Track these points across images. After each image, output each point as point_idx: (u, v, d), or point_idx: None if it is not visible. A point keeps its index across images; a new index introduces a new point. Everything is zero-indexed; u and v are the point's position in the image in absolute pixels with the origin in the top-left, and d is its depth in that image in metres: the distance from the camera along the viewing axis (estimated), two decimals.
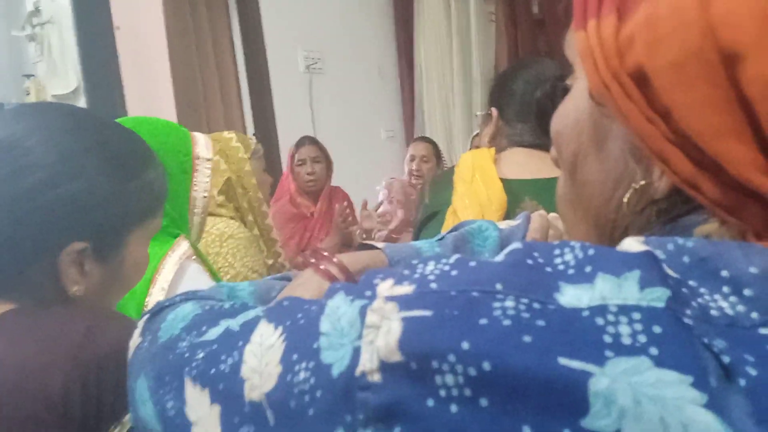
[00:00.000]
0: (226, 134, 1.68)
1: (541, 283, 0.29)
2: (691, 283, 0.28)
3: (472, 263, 0.32)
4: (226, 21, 3.32)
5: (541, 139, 1.14)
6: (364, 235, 2.61)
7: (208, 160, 1.24)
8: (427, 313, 0.29)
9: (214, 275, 1.20)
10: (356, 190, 2.90)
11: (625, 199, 0.36)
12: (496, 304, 0.29)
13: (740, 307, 0.28)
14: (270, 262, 1.71)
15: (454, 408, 0.27)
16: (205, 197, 1.22)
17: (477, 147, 2.14)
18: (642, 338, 0.26)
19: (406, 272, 0.32)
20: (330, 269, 0.52)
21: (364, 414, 0.29)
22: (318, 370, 0.31)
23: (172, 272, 1.03)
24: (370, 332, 0.30)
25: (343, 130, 3.52)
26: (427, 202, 1.21)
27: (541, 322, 0.28)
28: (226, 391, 0.36)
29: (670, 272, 0.29)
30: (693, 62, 0.29)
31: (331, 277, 0.52)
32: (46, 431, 0.53)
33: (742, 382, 0.26)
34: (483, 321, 0.28)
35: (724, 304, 0.28)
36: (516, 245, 0.32)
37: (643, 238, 0.31)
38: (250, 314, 0.40)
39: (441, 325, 0.29)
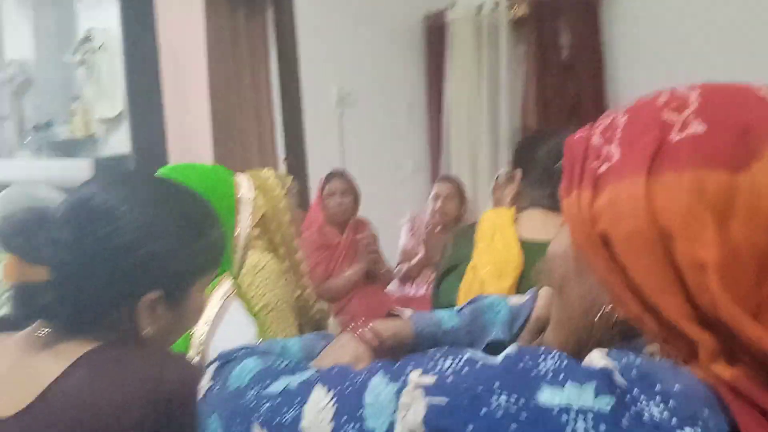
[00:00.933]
0: (264, 171, 1.79)
1: (528, 384, 0.41)
2: (634, 391, 0.40)
3: (479, 364, 0.44)
4: (264, 52, 3.47)
5: (558, 203, 1.23)
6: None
7: (251, 201, 1.36)
8: (445, 400, 0.42)
9: (249, 309, 1.31)
10: (381, 222, 3.01)
11: (596, 319, 0.48)
12: (494, 398, 0.41)
13: (665, 414, 0.39)
14: (297, 293, 1.81)
15: None
16: (246, 236, 1.33)
17: (498, 188, 2.24)
18: None
19: (431, 365, 0.44)
20: (365, 335, 0.63)
21: None
22: (362, 431, 0.43)
23: (216, 308, 1.14)
24: (403, 409, 0.42)
25: (371, 163, 3.63)
26: (450, 253, 1.31)
27: (524, 415, 0.40)
28: None
29: (620, 380, 0.40)
30: (641, 237, 0.42)
31: (366, 342, 0.63)
32: None
33: None
34: (483, 410, 0.40)
35: (654, 411, 0.39)
36: (512, 350, 0.44)
37: (606, 351, 0.43)
38: (306, 375, 0.51)
39: (454, 411, 0.41)
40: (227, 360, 0.59)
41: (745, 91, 0.46)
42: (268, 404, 0.50)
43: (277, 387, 0.51)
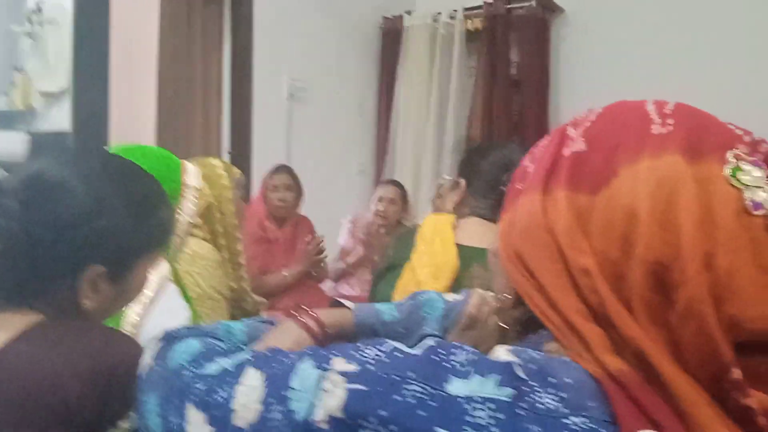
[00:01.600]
0: (213, 160, 1.79)
1: (438, 375, 0.45)
2: (532, 383, 0.44)
3: (399, 354, 0.48)
4: (218, 40, 3.42)
5: (498, 215, 1.28)
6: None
7: (196, 189, 1.36)
8: (363, 387, 0.45)
9: (185, 295, 1.31)
10: (323, 220, 3.02)
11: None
12: (407, 386, 0.45)
13: (557, 404, 0.43)
14: (234, 285, 1.81)
15: None
16: (189, 222, 1.32)
17: (440, 196, 2.29)
18: (492, 420, 0.42)
19: (355, 354, 0.48)
20: (308, 322, 0.65)
21: None
22: (288, 413, 0.47)
23: (153, 290, 1.14)
24: (324, 394, 0.46)
25: (317, 160, 3.63)
26: (390, 254, 1.35)
27: (432, 403, 0.44)
28: (219, 417, 0.50)
29: (521, 374, 0.45)
30: (543, 247, 0.49)
31: (308, 329, 0.65)
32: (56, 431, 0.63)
33: None
34: (396, 397, 0.44)
35: (548, 401, 0.44)
36: (430, 342, 0.49)
37: (511, 348, 0.48)
38: (240, 357, 0.53)
39: (371, 397, 0.45)
40: (171, 339, 0.60)
41: (637, 109, 0.52)
42: (202, 385, 0.52)
43: (212, 368, 0.53)
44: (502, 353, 0.47)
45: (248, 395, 0.49)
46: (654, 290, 0.45)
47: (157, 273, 1.18)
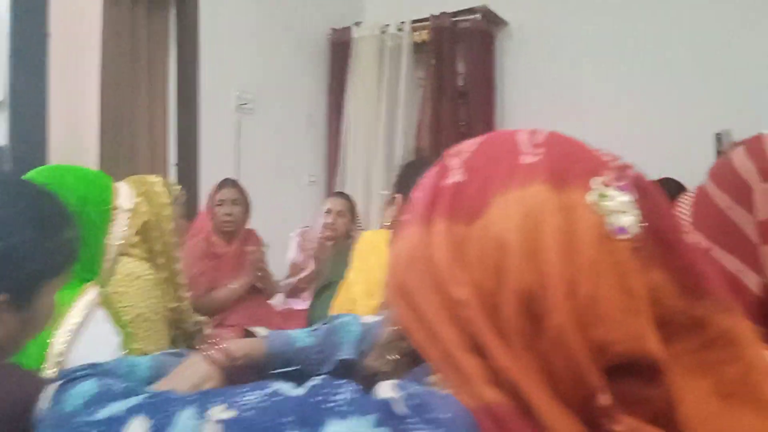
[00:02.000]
0: (151, 178, 1.75)
1: (315, 418, 0.45)
2: (410, 420, 0.44)
3: (279, 398, 0.47)
4: (163, 50, 3.35)
5: None
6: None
7: (129, 209, 1.33)
8: None
9: (118, 319, 1.28)
10: (273, 233, 2.98)
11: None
12: None
13: None
14: (174, 305, 1.78)
15: None
16: (120, 244, 1.30)
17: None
18: None
19: (236, 400, 0.47)
20: (214, 356, 0.65)
21: None
22: None
23: (80, 317, 1.11)
24: None
25: (267, 173, 3.61)
26: (327, 270, 1.34)
27: None
28: None
29: (402, 410, 0.45)
30: (424, 279, 0.49)
31: (215, 362, 0.64)
32: None
33: None
34: None
35: None
36: (316, 381, 0.48)
37: (396, 382, 0.48)
38: (133, 402, 0.52)
39: None
40: (68, 380, 0.59)
41: (509, 140, 0.53)
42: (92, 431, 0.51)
43: (104, 413, 0.52)
44: (385, 389, 0.47)
45: None
46: (525, 319, 0.45)
47: (85, 299, 1.15)
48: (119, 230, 1.28)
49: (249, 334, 0.74)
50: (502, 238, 0.47)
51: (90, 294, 1.16)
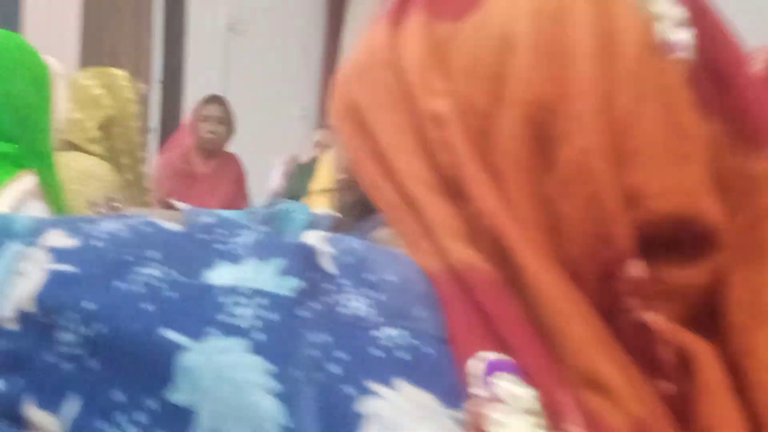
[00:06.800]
0: (114, 70, 1.62)
1: (198, 258, 0.30)
2: (342, 280, 0.30)
3: (150, 228, 0.32)
4: None
5: None
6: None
7: (63, 75, 1.18)
8: (71, 268, 0.30)
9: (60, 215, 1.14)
10: (256, 163, 2.87)
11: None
12: (142, 270, 0.29)
13: (369, 309, 0.30)
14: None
15: (66, 366, 0.28)
16: (62, 125, 1.15)
17: None
18: (258, 323, 0.28)
19: (86, 226, 0.32)
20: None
21: None
22: None
23: (7, 207, 0.97)
24: (18, 279, 0.30)
25: (257, 99, 3.47)
26: (289, 187, 1.21)
27: (170, 294, 0.29)
28: None
29: (329, 267, 0.31)
30: (384, 92, 0.36)
31: None
32: None
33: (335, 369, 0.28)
34: (117, 283, 0.29)
35: (358, 305, 0.30)
36: (209, 218, 0.34)
37: (327, 235, 0.33)
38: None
39: (79, 283, 0.29)
40: None
41: None
42: None
43: None
44: (311, 237, 0.33)
45: None
46: (530, 147, 0.32)
47: (17, 187, 1.01)
48: (61, 101, 1.12)
49: (167, 206, 0.61)
50: (506, 34, 0.34)
51: (25, 182, 1.01)
